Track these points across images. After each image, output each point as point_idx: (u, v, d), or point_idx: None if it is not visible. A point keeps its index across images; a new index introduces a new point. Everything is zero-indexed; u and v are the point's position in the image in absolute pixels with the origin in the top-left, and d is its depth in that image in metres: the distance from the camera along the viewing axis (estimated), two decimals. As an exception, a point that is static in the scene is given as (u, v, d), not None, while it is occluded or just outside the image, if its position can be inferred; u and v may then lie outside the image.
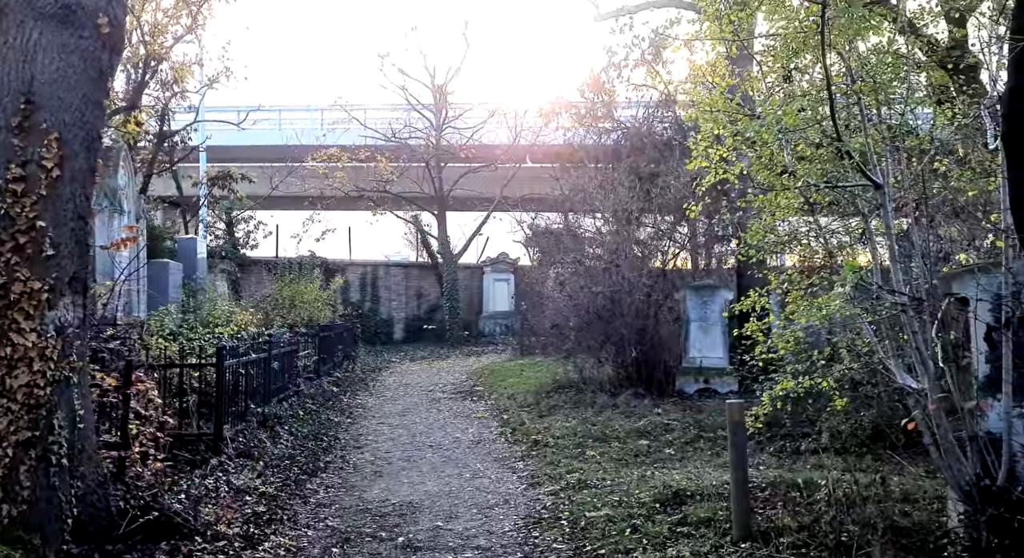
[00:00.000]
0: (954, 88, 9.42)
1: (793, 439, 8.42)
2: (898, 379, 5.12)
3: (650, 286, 12.64)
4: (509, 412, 11.67)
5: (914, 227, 5.24)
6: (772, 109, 5.59)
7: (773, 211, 6.20)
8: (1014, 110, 4.20)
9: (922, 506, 5.53)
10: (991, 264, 4.84)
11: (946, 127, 6.77)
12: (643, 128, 18.91)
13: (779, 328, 6.47)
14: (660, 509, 6.15)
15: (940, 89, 9.50)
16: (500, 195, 24.92)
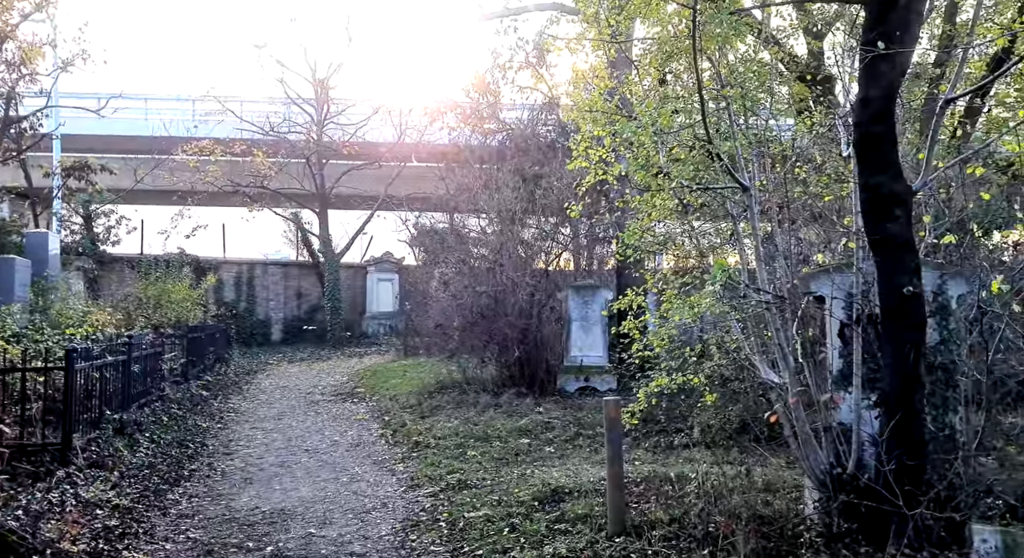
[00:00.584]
0: (811, 100, 10.05)
1: (667, 434, 8.69)
2: (762, 374, 5.35)
3: (533, 286, 12.74)
4: (391, 414, 11.44)
5: (777, 229, 5.50)
6: (648, 111, 5.71)
7: (650, 211, 6.35)
8: (864, 119, 4.49)
9: (782, 495, 5.80)
10: (844, 265, 5.14)
11: (805, 136, 7.18)
12: (528, 130, 19.12)
13: (655, 326, 6.63)
14: (539, 507, 6.16)
15: (799, 101, 10.12)
16: (384, 194, 24.50)
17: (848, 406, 5.08)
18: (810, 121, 6.99)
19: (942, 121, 4.78)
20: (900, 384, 4.45)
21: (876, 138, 4.41)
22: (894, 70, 4.41)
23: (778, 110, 6.88)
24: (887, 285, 4.39)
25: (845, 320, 5.02)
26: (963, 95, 4.75)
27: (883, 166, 4.40)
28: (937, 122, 4.70)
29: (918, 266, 4.42)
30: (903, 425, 4.44)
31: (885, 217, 4.36)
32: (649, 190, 6.21)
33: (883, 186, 4.35)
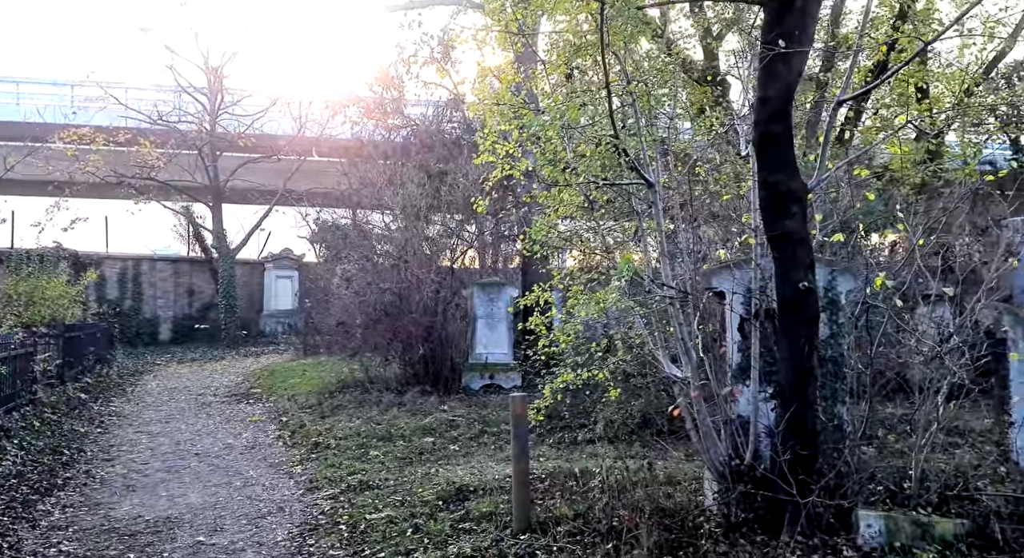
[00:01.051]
0: (707, 103, 10.38)
1: (571, 430, 8.75)
2: (665, 369, 5.42)
3: (439, 283, 12.59)
4: (289, 414, 11.01)
5: (680, 227, 5.59)
6: (556, 106, 5.69)
7: (557, 207, 6.34)
8: (763, 117, 4.60)
9: (684, 487, 5.91)
10: (744, 261, 5.27)
11: (703, 137, 7.36)
12: (433, 126, 18.92)
13: (561, 322, 6.63)
14: (443, 506, 6.05)
15: (696, 104, 10.45)
16: (284, 188, 23.68)
17: (746, 399, 5.21)
18: (709, 122, 7.17)
19: (834, 122, 4.99)
20: (795, 377, 4.59)
21: (775, 137, 4.53)
22: (791, 72, 4.55)
23: (678, 113, 7.01)
24: (784, 280, 4.52)
25: (744, 315, 5.15)
26: (853, 97, 4.96)
27: (781, 164, 4.53)
28: (830, 123, 4.89)
29: (812, 262, 4.57)
30: (797, 416, 4.59)
31: (783, 214, 4.49)
32: (557, 185, 6.19)
33: (781, 184, 4.48)
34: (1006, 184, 10.03)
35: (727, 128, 7.43)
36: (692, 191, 5.54)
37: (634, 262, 4.65)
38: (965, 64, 10.22)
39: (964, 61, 9.17)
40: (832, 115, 4.86)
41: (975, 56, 12.61)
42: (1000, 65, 15.48)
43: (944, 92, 13.33)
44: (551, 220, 6.79)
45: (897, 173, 11.30)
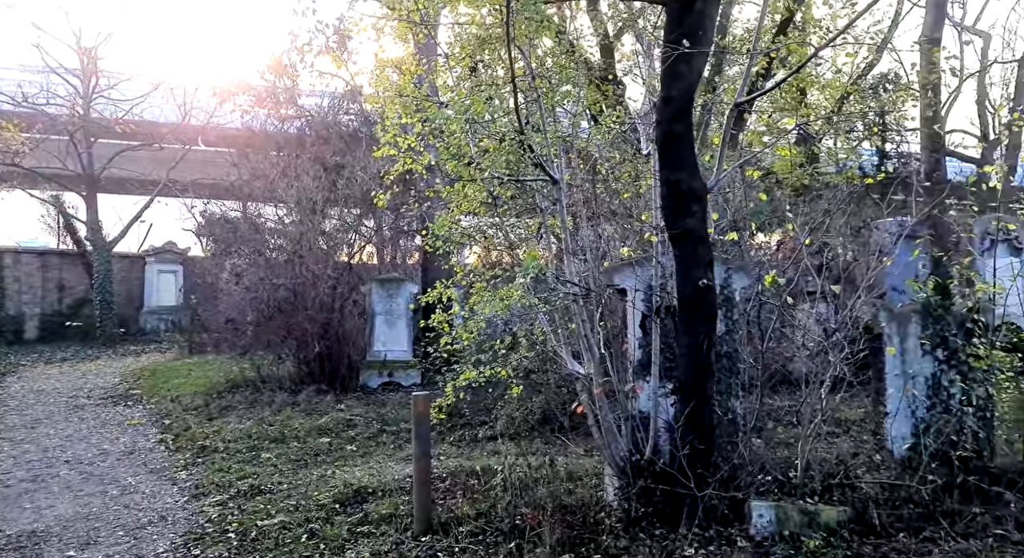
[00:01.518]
0: (607, 103, 10.56)
1: (472, 427, 8.69)
2: (568, 365, 5.44)
3: (336, 279, 12.23)
4: (172, 417, 10.40)
5: (583, 224, 5.62)
6: (460, 99, 5.59)
7: (460, 202, 6.24)
8: (666, 117, 4.68)
9: (585, 483, 5.95)
10: (645, 258, 5.35)
11: (604, 136, 7.46)
12: (329, 118, 18.37)
13: (463, 319, 6.55)
14: (340, 510, 5.84)
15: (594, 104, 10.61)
16: (167, 178, 22.35)
17: (647, 395, 5.30)
18: (610, 121, 7.27)
19: (731, 124, 5.13)
20: (694, 372, 4.70)
21: (677, 136, 4.62)
22: (692, 72, 4.64)
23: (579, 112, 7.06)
24: (684, 278, 4.61)
25: (646, 312, 5.23)
26: (750, 99, 5.12)
27: (682, 163, 4.62)
28: (727, 124, 5.03)
29: (711, 260, 4.69)
30: (696, 411, 4.70)
31: (684, 213, 4.58)
32: (460, 180, 6.09)
33: (682, 183, 4.56)
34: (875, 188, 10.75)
35: (627, 128, 7.56)
36: (595, 189, 5.58)
37: (538, 259, 4.63)
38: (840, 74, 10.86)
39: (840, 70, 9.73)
40: (730, 117, 5.01)
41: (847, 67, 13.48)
42: (868, 76, 16.63)
43: (820, 100, 14.15)
44: (454, 216, 6.69)
45: (780, 175, 11.90)
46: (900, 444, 5.41)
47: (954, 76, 21.05)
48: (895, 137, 18.95)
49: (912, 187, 8.25)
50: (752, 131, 12.27)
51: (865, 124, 16.51)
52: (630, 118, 7.68)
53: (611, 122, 7.24)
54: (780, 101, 10.55)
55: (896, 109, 16.62)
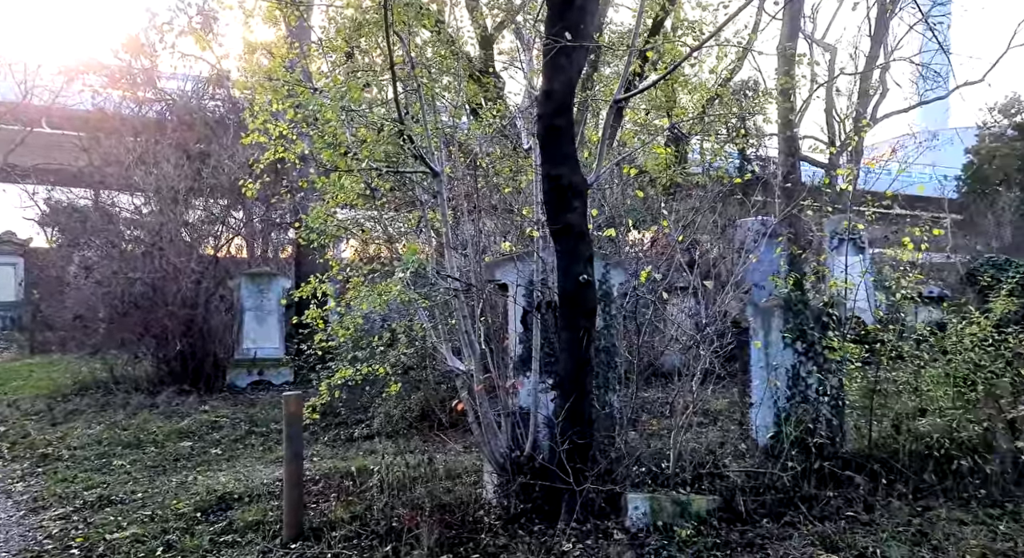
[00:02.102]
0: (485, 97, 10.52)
1: (348, 426, 8.41)
2: (448, 362, 5.33)
3: (200, 273, 11.51)
4: (9, 422, 9.42)
5: (465, 218, 5.52)
6: (336, 85, 5.35)
7: (336, 194, 5.98)
8: (547, 111, 4.65)
9: (464, 481, 5.87)
10: (527, 253, 5.32)
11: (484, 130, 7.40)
12: (193, 103, 17.30)
13: (339, 315, 6.29)
14: (202, 518, 5.46)
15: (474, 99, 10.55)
16: (5, 162, 20.37)
17: (527, 390, 5.28)
18: (490, 114, 7.21)
19: (610, 120, 5.19)
20: (574, 367, 4.71)
21: (558, 130, 4.60)
22: (573, 66, 4.65)
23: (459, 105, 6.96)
24: (565, 273, 4.61)
25: (527, 307, 5.21)
26: (628, 96, 5.20)
27: (564, 158, 4.61)
28: (607, 120, 5.08)
29: (592, 255, 4.71)
30: (576, 406, 4.71)
31: (565, 208, 4.57)
32: (336, 170, 5.83)
33: (564, 178, 4.55)
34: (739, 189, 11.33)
35: (507, 122, 7.52)
36: (476, 183, 5.49)
37: (418, 253, 4.49)
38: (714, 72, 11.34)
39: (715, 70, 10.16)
40: (609, 113, 5.06)
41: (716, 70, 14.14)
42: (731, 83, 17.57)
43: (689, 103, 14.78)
44: (329, 207, 6.42)
45: (653, 174, 12.31)
46: (764, 433, 5.68)
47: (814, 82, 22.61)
48: (754, 141, 20.14)
49: (772, 188, 8.73)
50: (627, 130, 12.62)
51: (728, 128, 17.40)
52: (510, 112, 7.65)
53: (491, 116, 7.18)
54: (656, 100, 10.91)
55: (758, 112, 17.62)
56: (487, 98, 10.65)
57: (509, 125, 7.71)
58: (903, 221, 20.09)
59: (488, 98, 10.67)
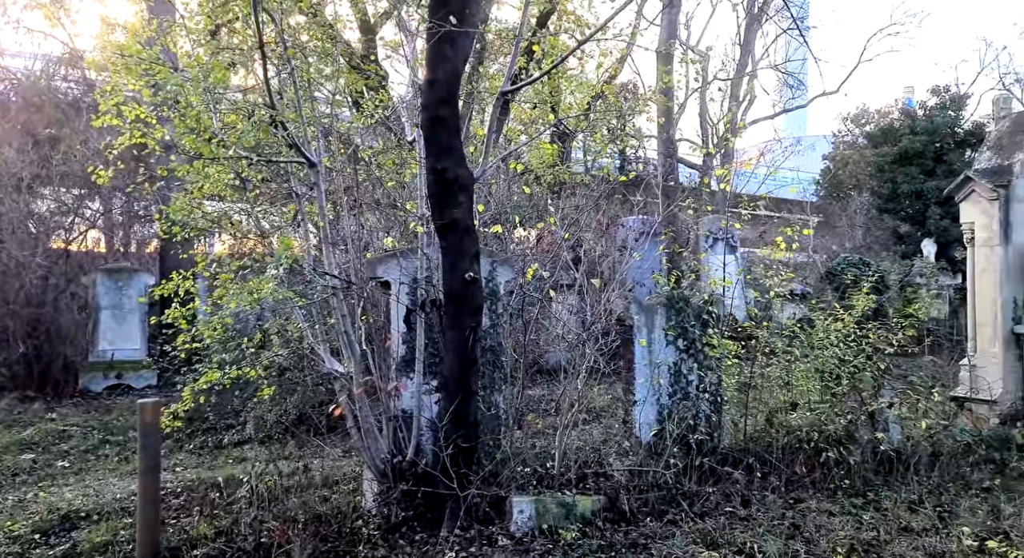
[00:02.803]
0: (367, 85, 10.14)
1: (217, 432, 7.88)
2: (326, 364, 5.03)
3: (48, 268, 10.49)
4: None
5: (345, 212, 5.22)
6: (199, 64, 4.92)
7: (201, 184, 5.51)
8: (432, 101, 4.45)
9: (342, 489, 5.57)
10: (410, 250, 5.10)
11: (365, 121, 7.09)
12: (42, 83, 15.79)
13: (207, 314, 5.82)
14: (41, 541, 4.90)
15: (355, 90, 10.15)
16: None
17: (410, 393, 5.06)
18: (372, 105, 6.90)
19: (497, 112, 5.04)
20: (460, 368, 4.54)
21: (443, 121, 4.41)
22: (458, 55, 4.46)
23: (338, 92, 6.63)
24: (451, 270, 4.42)
25: (411, 305, 4.98)
26: (516, 88, 5.08)
27: (449, 150, 4.42)
28: (494, 113, 4.94)
29: (478, 252, 4.55)
30: (461, 408, 4.54)
31: (451, 203, 4.39)
32: (201, 158, 5.37)
33: (449, 171, 4.36)
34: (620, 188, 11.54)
35: (390, 113, 7.24)
36: (357, 175, 5.21)
37: (294, 249, 4.17)
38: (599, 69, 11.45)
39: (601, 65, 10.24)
40: (496, 106, 4.91)
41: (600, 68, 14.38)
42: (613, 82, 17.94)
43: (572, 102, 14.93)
44: (194, 198, 5.93)
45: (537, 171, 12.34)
46: (647, 430, 5.71)
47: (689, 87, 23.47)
48: (635, 142, 20.68)
49: (652, 188, 8.90)
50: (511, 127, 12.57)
51: (610, 128, 17.75)
52: (393, 104, 7.37)
53: (373, 106, 6.88)
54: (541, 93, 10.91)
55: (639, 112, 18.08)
56: (368, 87, 10.25)
57: (392, 117, 7.44)
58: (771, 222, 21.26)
59: (370, 87, 10.27)
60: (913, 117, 22.77)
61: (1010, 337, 6.83)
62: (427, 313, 4.90)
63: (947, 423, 5.96)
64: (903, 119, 23.34)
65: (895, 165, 21.59)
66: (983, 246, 7.06)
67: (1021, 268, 6.89)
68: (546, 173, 12.11)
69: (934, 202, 20.68)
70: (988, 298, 6.97)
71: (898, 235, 21.37)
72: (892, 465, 5.53)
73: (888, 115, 26.89)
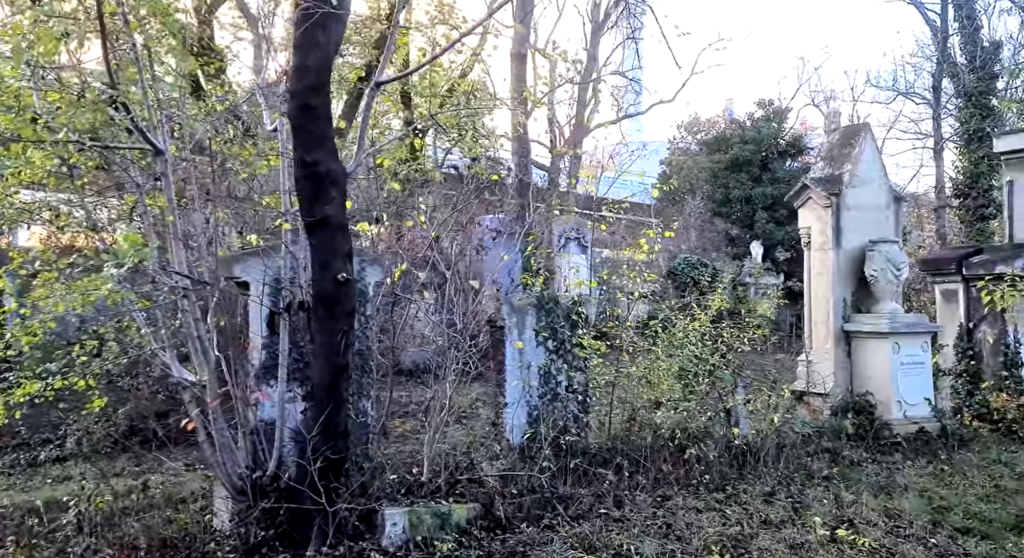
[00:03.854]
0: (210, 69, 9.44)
1: (31, 448, 6.99)
2: (173, 372, 4.54)
3: None
4: None
5: (197, 205, 4.74)
6: (18, 33, 4.27)
7: (20, 169, 4.80)
8: (301, 88, 4.12)
9: (190, 509, 5.08)
10: (272, 247, 4.71)
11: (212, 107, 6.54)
12: None
13: (22, 317, 5.09)
14: None
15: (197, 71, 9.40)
16: None
17: (272, 402, 4.68)
18: (220, 89, 6.38)
19: (371, 102, 4.77)
20: (331, 374, 4.24)
21: (314, 111, 4.09)
22: (330, 41, 4.16)
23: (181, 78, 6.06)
24: (322, 270, 4.12)
25: (273, 308, 4.61)
26: (392, 79, 4.83)
27: (320, 142, 4.11)
28: (367, 103, 4.66)
29: (351, 251, 4.27)
30: (331, 417, 4.24)
31: (322, 199, 4.08)
32: (20, 140, 4.67)
33: (321, 164, 4.06)
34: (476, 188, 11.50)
35: (235, 102, 6.72)
36: (213, 165, 4.75)
37: (140, 243, 3.68)
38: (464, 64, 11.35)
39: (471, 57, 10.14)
40: (370, 95, 4.63)
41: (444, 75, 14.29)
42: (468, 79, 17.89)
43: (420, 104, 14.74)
44: (8, 185, 5.18)
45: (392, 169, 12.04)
46: (519, 433, 5.66)
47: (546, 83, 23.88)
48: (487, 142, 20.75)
49: (507, 188, 8.91)
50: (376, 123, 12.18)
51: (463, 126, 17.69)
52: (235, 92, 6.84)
53: (217, 92, 6.35)
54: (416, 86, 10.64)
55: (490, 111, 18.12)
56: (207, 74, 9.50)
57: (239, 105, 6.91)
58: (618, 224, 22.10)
59: (208, 74, 9.52)
60: (743, 127, 24.52)
61: (840, 334, 7.45)
62: (293, 316, 4.55)
63: (790, 417, 6.37)
64: (734, 128, 25.09)
65: (727, 171, 23.15)
66: (818, 250, 7.65)
67: (850, 271, 7.52)
68: (401, 170, 11.85)
69: (761, 207, 22.37)
70: (823, 298, 7.57)
71: (730, 237, 22.93)
72: (745, 458, 5.83)
73: (716, 124, 28.85)
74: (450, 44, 5.06)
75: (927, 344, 7.39)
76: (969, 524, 4.75)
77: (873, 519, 4.74)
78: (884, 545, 4.30)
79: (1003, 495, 5.39)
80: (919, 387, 7.19)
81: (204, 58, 10.19)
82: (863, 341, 7.34)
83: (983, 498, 5.34)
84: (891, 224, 7.76)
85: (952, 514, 4.92)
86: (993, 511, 5.00)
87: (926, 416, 7.14)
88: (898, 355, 7.12)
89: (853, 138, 7.81)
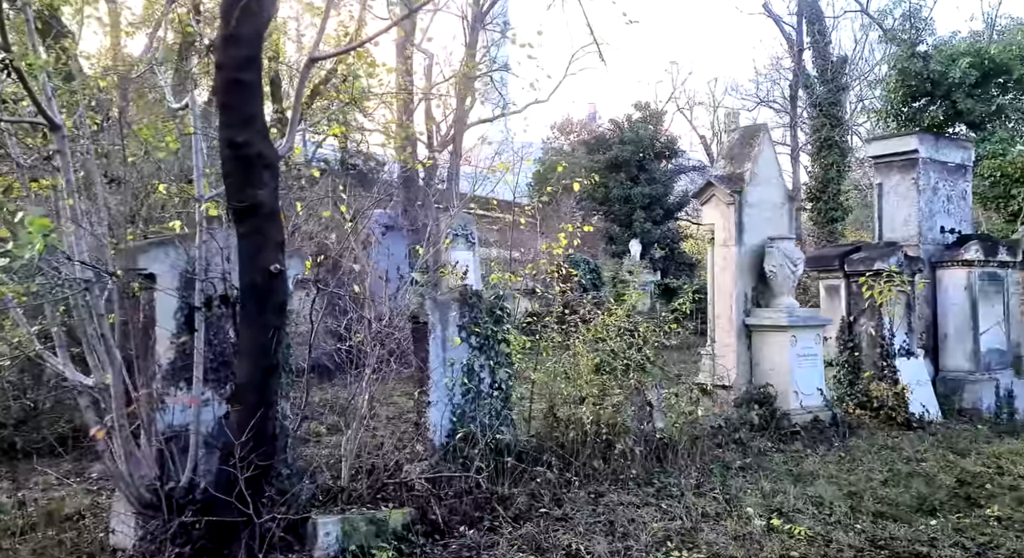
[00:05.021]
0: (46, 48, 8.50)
1: None
2: (68, 374, 4.01)
3: None
4: None
5: (99, 188, 4.21)
6: None
7: None
8: (231, 61, 3.75)
9: (85, 526, 4.53)
10: (187, 236, 4.27)
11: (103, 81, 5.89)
12: None
13: None
14: None
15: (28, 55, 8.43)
16: None
17: (183, 406, 4.24)
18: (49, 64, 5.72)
19: (306, 78, 4.41)
20: (260, 375, 3.88)
21: (245, 86, 3.72)
22: (263, 10, 3.80)
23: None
24: (252, 261, 3.75)
25: (192, 303, 4.16)
26: (327, 57, 4.50)
27: (250, 121, 3.74)
28: (302, 82, 4.31)
29: (283, 241, 3.93)
30: (260, 422, 3.88)
31: (253, 183, 3.71)
32: None
33: (252, 145, 3.69)
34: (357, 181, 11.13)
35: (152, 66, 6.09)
36: (123, 142, 4.23)
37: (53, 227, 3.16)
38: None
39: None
40: (304, 72, 4.28)
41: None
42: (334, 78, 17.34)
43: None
44: None
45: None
46: (442, 433, 5.45)
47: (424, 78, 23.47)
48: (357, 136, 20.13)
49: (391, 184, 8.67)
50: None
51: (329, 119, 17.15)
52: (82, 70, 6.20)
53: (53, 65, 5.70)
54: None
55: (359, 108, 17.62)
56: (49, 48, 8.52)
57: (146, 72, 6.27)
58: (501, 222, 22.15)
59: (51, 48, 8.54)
60: (621, 128, 25.18)
61: (742, 328, 7.75)
62: (212, 311, 4.13)
63: (702, 410, 6.52)
64: (613, 130, 25.74)
65: (607, 171, 23.71)
66: (721, 246, 7.92)
67: (751, 266, 7.84)
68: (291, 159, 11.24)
69: (639, 206, 23.10)
70: (725, 293, 7.84)
71: (610, 236, 23.53)
72: (664, 452, 5.92)
73: (586, 125, 29.53)
74: (395, 22, 4.76)
75: (819, 336, 7.84)
76: (880, 508, 5.02)
77: (799, 507, 4.92)
78: (819, 533, 4.46)
79: (900, 479, 5.76)
80: (813, 378, 7.61)
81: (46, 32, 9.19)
82: (763, 334, 7.67)
83: (884, 483, 5.69)
84: (786, 221, 8.17)
85: (863, 500, 5.20)
86: (897, 495, 5.33)
87: (819, 405, 7.56)
88: (795, 348, 7.50)
89: (753, 138, 8.15)
